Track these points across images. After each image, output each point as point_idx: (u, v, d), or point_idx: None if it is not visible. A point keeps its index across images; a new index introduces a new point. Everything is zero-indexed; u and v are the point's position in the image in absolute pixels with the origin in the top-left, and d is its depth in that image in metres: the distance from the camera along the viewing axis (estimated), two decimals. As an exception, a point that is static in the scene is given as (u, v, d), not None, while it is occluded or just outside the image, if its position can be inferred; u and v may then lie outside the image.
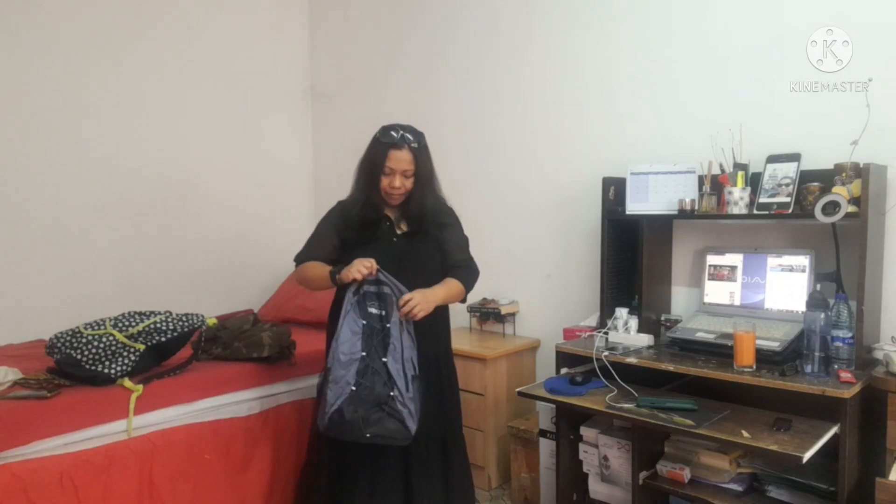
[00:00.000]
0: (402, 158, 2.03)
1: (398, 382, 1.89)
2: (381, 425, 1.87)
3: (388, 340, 1.92)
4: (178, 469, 2.22)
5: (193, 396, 2.32)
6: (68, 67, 3.10)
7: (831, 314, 2.00)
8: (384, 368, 1.89)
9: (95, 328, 2.22)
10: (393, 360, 1.90)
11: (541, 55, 3.02)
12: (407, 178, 2.06)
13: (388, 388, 1.88)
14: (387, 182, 2.05)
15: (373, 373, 1.89)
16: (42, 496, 1.92)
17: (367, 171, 2.08)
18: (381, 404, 1.87)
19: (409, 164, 2.04)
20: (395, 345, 1.91)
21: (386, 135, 2.04)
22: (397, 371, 1.89)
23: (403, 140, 2.03)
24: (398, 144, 2.03)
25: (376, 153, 2.05)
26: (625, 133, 2.76)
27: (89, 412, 2.08)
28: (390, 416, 1.87)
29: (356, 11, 3.86)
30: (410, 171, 2.05)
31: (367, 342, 1.92)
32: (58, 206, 3.08)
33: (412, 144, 2.04)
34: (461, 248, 2.21)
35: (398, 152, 2.03)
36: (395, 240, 2.11)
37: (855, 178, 2.02)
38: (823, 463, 1.88)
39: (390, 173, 2.04)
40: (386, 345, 1.91)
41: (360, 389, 1.87)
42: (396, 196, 2.07)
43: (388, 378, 1.89)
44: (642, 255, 2.45)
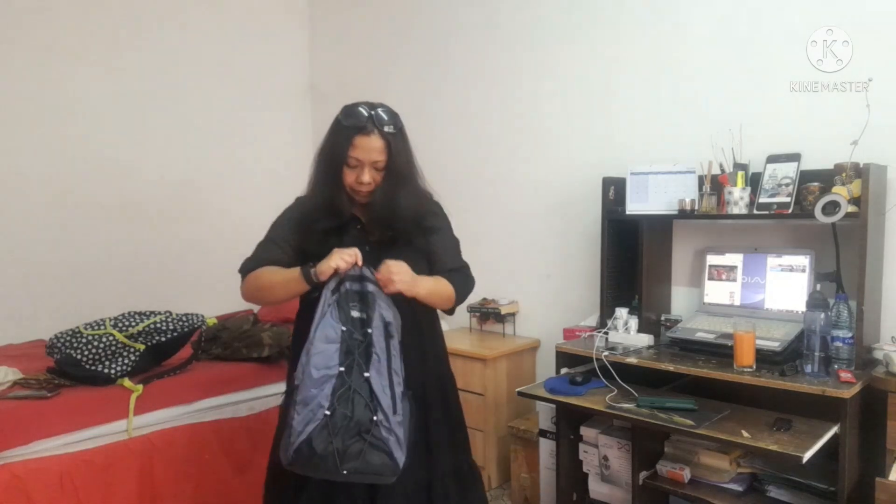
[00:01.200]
0: (371, 147, 1.60)
1: (383, 402, 1.48)
2: (362, 459, 1.45)
3: (371, 350, 1.52)
4: (178, 469, 2.22)
5: (193, 396, 2.32)
6: (68, 67, 3.10)
7: (831, 314, 2.00)
8: (366, 386, 1.49)
9: (95, 328, 2.22)
10: (377, 373, 1.50)
11: (541, 55, 3.02)
12: (378, 170, 1.63)
13: (370, 410, 1.47)
14: (353, 177, 1.63)
15: (352, 393, 1.48)
16: (42, 496, 1.92)
17: (327, 162, 1.66)
18: (361, 433, 1.46)
19: (380, 153, 1.61)
20: (379, 354, 1.52)
21: (350, 115, 1.61)
22: (382, 388, 1.50)
23: (373, 122, 1.59)
24: (366, 128, 1.59)
25: (338, 140, 1.63)
26: (625, 133, 2.76)
27: (89, 412, 2.08)
28: (374, 447, 1.46)
29: (356, 11, 3.85)
30: (382, 162, 1.62)
31: (347, 354, 1.51)
32: (58, 206, 3.08)
33: (385, 128, 1.60)
34: (452, 253, 1.81)
35: (366, 139, 1.59)
36: (366, 249, 1.64)
37: (855, 178, 2.02)
38: (823, 463, 1.87)
39: (356, 165, 1.62)
40: (369, 355, 1.51)
41: (336, 414, 1.46)
42: (365, 194, 1.66)
43: (370, 398, 1.48)
44: (642, 255, 2.45)
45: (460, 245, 1.85)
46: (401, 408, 1.52)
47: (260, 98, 3.83)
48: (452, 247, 1.82)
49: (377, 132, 1.60)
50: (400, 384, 1.54)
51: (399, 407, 1.52)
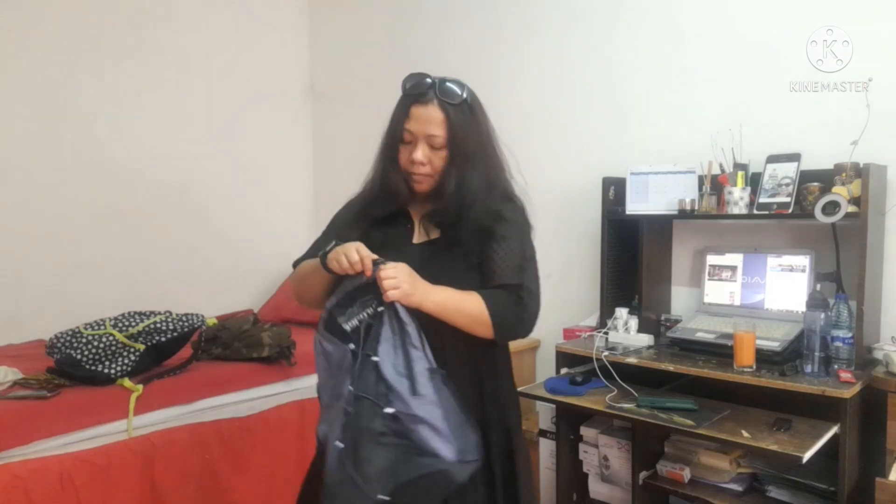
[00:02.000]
0: (427, 117, 1.35)
1: (397, 386, 1.20)
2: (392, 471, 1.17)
3: (380, 330, 1.25)
4: (178, 469, 2.22)
5: (193, 396, 2.32)
6: (68, 67, 3.10)
7: (831, 314, 2.00)
8: (374, 374, 1.22)
9: (95, 328, 2.22)
10: (388, 352, 1.24)
11: (541, 55, 3.02)
12: (436, 149, 1.37)
13: (379, 404, 1.20)
14: (406, 154, 1.38)
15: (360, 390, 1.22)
16: (42, 496, 1.92)
17: (386, 138, 1.44)
18: (377, 437, 1.19)
19: (437, 126, 1.35)
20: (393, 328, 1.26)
21: (411, 81, 1.38)
22: (394, 368, 1.22)
23: (434, 90, 1.36)
24: (423, 96, 1.36)
25: (397, 111, 1.40)
26: (625, 133, 2.75)
27: (89, 412, 2.08)
28: (400, 448, 1.18)
29: (356, 11, 3.85)
30: (441, 138, 1.36)
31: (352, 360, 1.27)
32: (58, 205, 3.08)
33: (446, 98, 1.36)
34: (512, 267, 1.43)
35: (423, 108, 1.36)
36: (411, 247, 1.42)
37: (855, 178, 2.02)
38: (823, 463, 1.87)
39: (410, 140, 1.37)
40: (377, 335, 1.25)
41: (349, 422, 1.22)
42: (420, 178, 1.39)
43: (377, 384, 1.22)
44: (642, 255, 2.45)
45: (535, 264, 1.52)
46: (428, 387, 1.22)
47: (260, 98, 3.83)
48: (515, 260, 1.44)
49: (436, 101, 1.35)
50: (423, 359, 1.24)
51: (422, 386, 1.22)
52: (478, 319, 1.35)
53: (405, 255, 1.34)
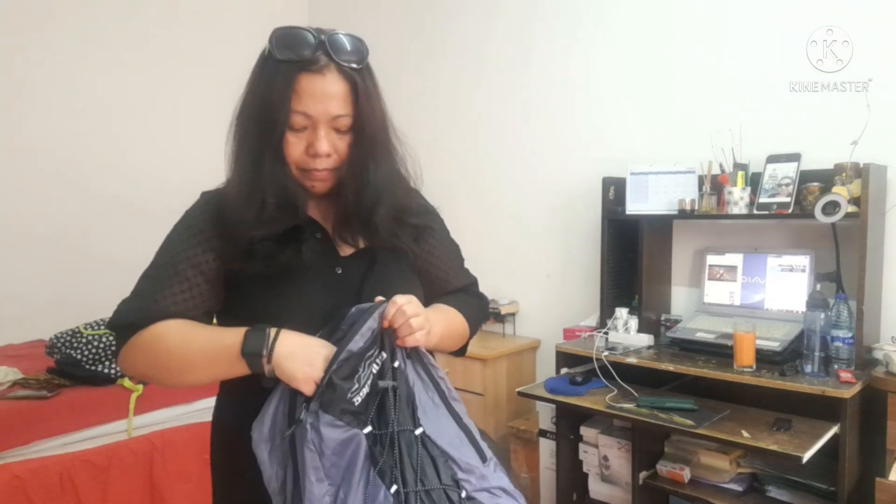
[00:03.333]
0: (325, 92, 0.97)
1: (464, 458, 0.95)
2: None
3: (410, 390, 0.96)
4: (178, 469, 2.22)
5: (193, 396, 2.32)
6: (68, 67, 3.10)
7: (831, 314, 2.00)
8: (425, 449, 0.93)
9: (95, 328, 2.23)
10: (432, 411, 0.97)
11: (541, 55, 3.02)
12: (341, 133, 1.01)
13: (445, 474, 0.93)
14: (300, 147, 1.00)
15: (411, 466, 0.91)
16: (42, 496, 1.92)
17: (258, 124, 1.01)
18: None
19: (341, 103, 0.99)
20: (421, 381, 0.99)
21: (288, 41, 0.99)
22: (448, 435, 0.96)
23: (326, 52, 0.98)
24: (314, 63, 0.97)
25: (272, 85, 0.99)
26: (625, 133, 2.75)
27: (89, 412, 2.08)
28: None
29: (356, 12, 3.85)
30: (346, 119, 0.99)
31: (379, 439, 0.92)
32: (58, 205, 3.08)
33: (346, 61, 0.99)
34: (457, 265, 1.25)
35: (317, 80, 0.97)
36: (338, 271, 1.07)
37: (855, 178, 2.02)
38: (823, 463, 1.87)
39: (305, 127, 0.99)
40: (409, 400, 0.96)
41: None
42: (322, 174, 1.02)
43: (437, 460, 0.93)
44: (642, 255, 2.45)
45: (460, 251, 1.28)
46: (487, 448, 0.99)
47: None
48: (455, 256, 1.25)
49: (335, 68, 0.98)
50: (466, 414, 1.01)
51: (485, 449, 0.99)
52: (461, 336, 1.16)
53: (336, 281, 1.05)
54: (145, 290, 1.05)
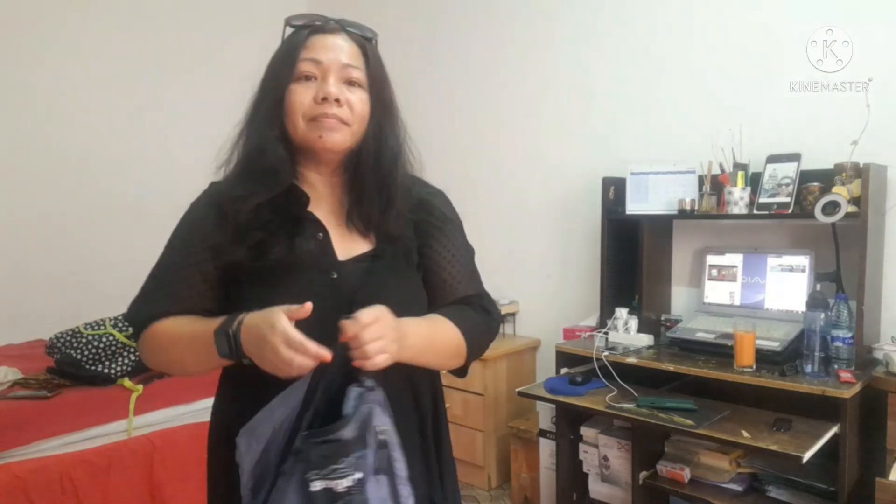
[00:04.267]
0: (336, 45, 1.00)
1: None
2: None
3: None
4: (178, 469, 2.22)
5: (193, 396, 2.32)
6: (68, 68, 3.10)
7: (831, 314, 2.00)
8: None
9: (95, 328, 2.22)
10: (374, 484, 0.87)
11: (540, 55, 3.02)
12: (354, 88, 0.99)
13: None
14: (308, 94, 0.97)
15: None
16: (42, 496, 1.92)
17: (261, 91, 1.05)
18: None
19: (353, 56, 1.00)
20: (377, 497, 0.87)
21: (302, 16, 1.05)
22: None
23: (335, 22, 1.04)
24: (327, 25, 1.03)
25: (283, 46, 1.03)
26: (625, 133, 2.76)
27: (89, 412, 2.08)
28: None
29: (355, 12, 3.85)
30: (359, 73, 1.00)
31: None
32: (58, 205, 3.08)
33: (355, 30, 1.05)
34: (469, 271, 1.12)
35: (327, 37, 1.01)
36: (333, 276, 0.99)
37: (855, 178, 2.02)
38: (823, 463, 1.87)
39: (313, 74, 0.98)
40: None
41: None
42: (333, 123, 0.97)
43: None
44: (642, 255, 2.45)
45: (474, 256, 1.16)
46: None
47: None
48: (467, 262, 1.12)
49: (345, 34, 1.02)
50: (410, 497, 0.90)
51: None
52: (453, 353, 1.03)
53: (338, 282, 0.98)
54: (147, 291, 1.08)
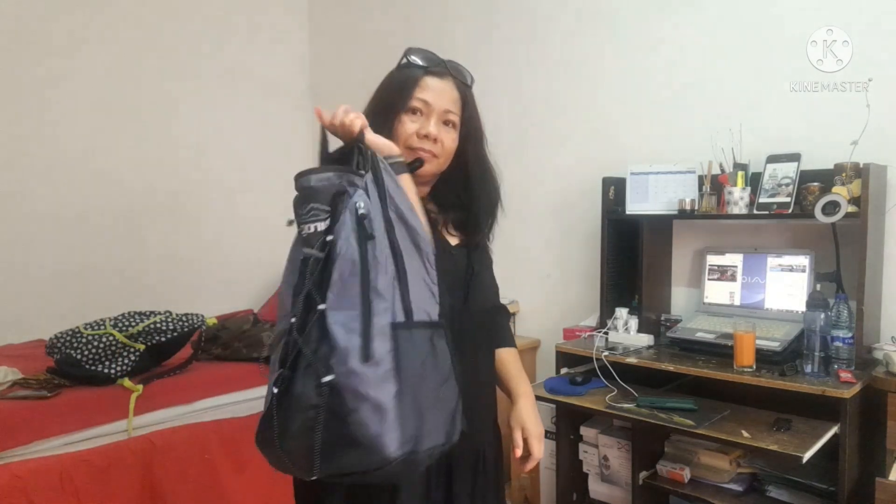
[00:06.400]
0: (444, 90, 1.20)
1: (343, 346, 0.91)
2: (322, 457, 0.92)
3: (331, 266, 0.95)
4: (178, 469, 2.22)
5: (193, 396, 2.32)
6: (66, 71, 3.10)
7: (831, 314, 2.00)
8: (318, 326, 0.94)
9: (95, 328, 2.22)
10: (337, 299, 0.94)
11: (541, 55, 3.02)
12: (448, 128, 1.20)
13: (316, 369, 0.92)
14: (413, 127, 1.17)
15: (299, 345, 0.94)
16: (42, 496, 1.92)
17: (382, 105, 1.21)
18: (306, 409, 0.92)
19: (454, 103, 1.21)
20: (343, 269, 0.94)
21: (419, 53, 1.21)
22: (344, 323, 0.93)
23: (447, 68, 1.22)
24: (440, 69, 1.21)
25: (399, 79, 1.21)
26: (625, 133, 2.75)
27: (89, 412, 2.08)
28: (330, 430, 0.91)
29: (356, 11, 3.85)
30: (456, 117, 1.21)
31: (298, 286, 0.98)
32: (58, 205, 3.08)
33: (460, 77, 1.24)
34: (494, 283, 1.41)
35: (437, 81, 1.20)
36: (452, 252, 1.24)
37: (855, 178, 2.02)
38: (823, 463, 1.87)
39: (420, 111, 1.18)
40: (325, 277, 0.95)
41: (282, 387, 0.95)
42: (428, 155, 1.18)
43: (319, 343, 0.93)
44: (642, 255, 2.45)
45: None
46: (384, 349, 0.93)
47: (259, 98, 3.83)
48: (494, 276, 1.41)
49: (452, 79, 1.22)
50: (388, 311, 0.95)
51: (378, 348, 0.92)
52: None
53: (455, 258, 1.24)
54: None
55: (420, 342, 0.98)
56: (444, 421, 0.99)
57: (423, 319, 0.99)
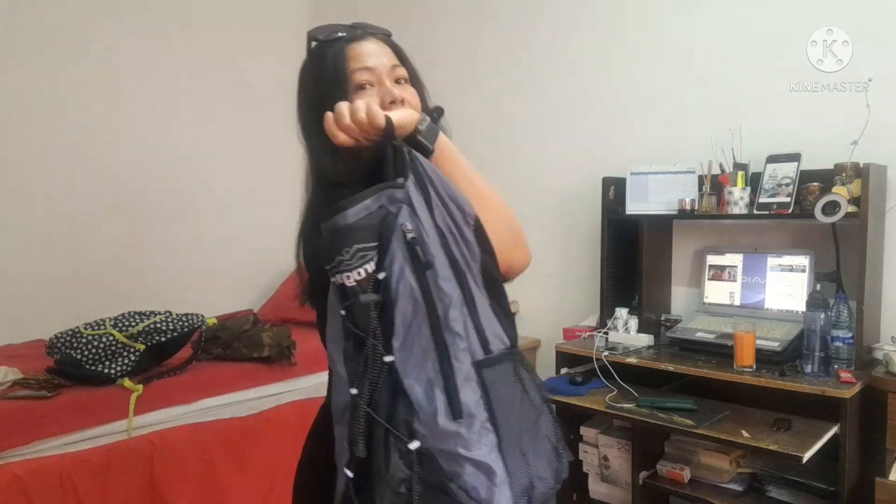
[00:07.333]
0: (376, 50, 1.03)
1: (426, 406, 0.79)
2: None
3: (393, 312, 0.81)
4: (178, 469, 2.22)
5: (193, 396, 2.32)
6: (65, 70, 3.10)
7: (831, 314, 2.00)
8: (389, 380, 0.81)
9: (95, 328, 2.22)
10: (405, 348, 0.81)
11: (541, 55, 3.02)
12: (404, 85, 1.05)
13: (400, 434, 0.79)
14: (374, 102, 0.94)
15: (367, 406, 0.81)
16: (42, 496, 1.92)
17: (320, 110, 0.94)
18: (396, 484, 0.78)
19: (392, 57, 1.05)
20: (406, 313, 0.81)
21: (327, 29, 1.06)
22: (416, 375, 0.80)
23: (359, 28, 1.07)
24: (354, 36, 1.04)
25: (324, 67, 1.01)
26: (625, 133, 2.75)
27: (89, 412, 2.08)
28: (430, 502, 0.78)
29: (356, 11, 3.85)
30: (402, 69, 1.05)
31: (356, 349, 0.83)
32: (58, 205, 3.08)
33: (381, 32, 1.09)
34: None
35: (363, 44, 1.03)
36: None
37: (855, 178, 2.02)
38: (823, 463, 1.87)
39: (369, 84, 1.00)
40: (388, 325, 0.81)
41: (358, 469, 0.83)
42: None
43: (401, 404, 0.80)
44: (642, 255, 2.45)
45: None
46: (475, 397, 0.80)
47: (257, 96, 3.82)
48: None
49: (374, 37, 1.05)
50: (467, 351, 0.81)
51: (467, 400, 0.79)
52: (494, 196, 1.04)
53: None
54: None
55: (506, 378, 0.84)
56: (550, 459, 0.86)
57: (501, 349, 0.86)
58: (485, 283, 0.88)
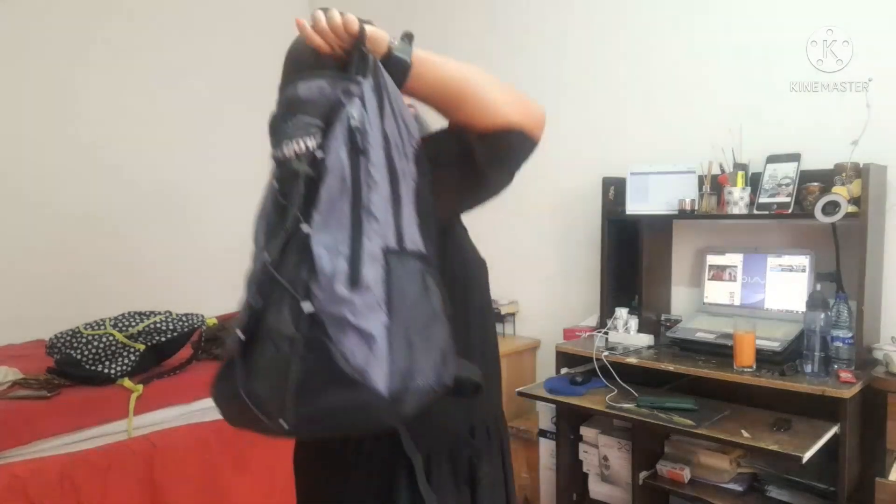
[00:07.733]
0: None
1: (327, 270, 0.80)
2: (305, 395, 0.78)
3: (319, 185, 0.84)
4: (178, 469, 2.22)
5: (193, 396, 2.32)
6: (70, 70, 3.10)
7: (831, 314, 2.01)
8: (300, 246, 0.82)
9: (95, 328, 2.22)
10: (324, 221, 0.82)
11: (540, 55, 3.02)
12: None
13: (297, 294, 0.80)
14: None
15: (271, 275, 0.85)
16: (42, 496, 1.92)
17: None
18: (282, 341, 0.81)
19: None
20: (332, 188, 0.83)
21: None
22: (332, 246, 0.81)
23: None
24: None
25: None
26: (625, 133, 2.76)
27: (89, 412, 2.08)
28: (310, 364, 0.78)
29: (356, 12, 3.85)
30: None
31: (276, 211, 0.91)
32: (58, 205, 3.08)
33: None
34: None
35: None
36: None
37: (855, 178, 2.02)
38: (823, 463, 1.87)
39: None
40: (311, 196, 0.84)
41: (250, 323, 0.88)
42: None
43: (304, 267, 0.81)
44: (642, 255, 2.45)
45: None
46: (377, 275, 0.81)
47: (256, 97, 3.80)
48: None
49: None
50: (380, 235, 0.83)
51: (369, 273, 0.80)
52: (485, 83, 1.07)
53: None
54: None
55: (413, 274, 0.84)
56: (435, 361, 0.84)
57: (415, 250, 0.86)
58: (416, 204, 0.89)
